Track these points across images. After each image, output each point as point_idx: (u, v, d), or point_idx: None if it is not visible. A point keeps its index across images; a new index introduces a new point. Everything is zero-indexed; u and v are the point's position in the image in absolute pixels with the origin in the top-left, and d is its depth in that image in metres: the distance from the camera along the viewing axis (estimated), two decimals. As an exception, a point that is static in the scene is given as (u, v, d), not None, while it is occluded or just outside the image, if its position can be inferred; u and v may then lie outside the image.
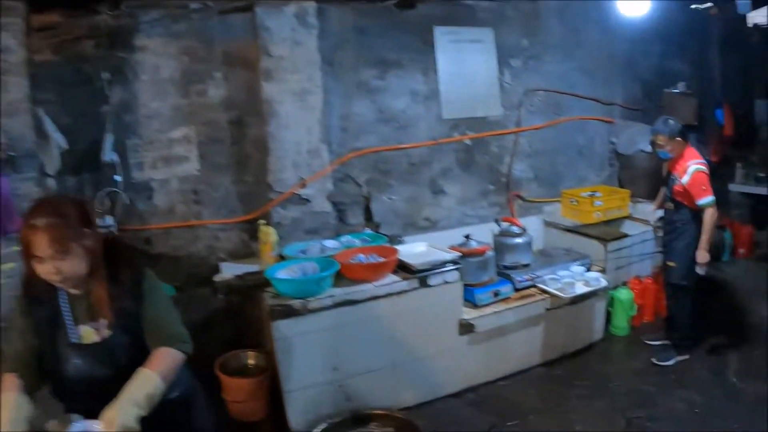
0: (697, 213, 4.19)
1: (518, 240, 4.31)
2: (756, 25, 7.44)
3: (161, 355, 1.92)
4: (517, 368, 4.26)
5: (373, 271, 3.61)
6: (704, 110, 6.75)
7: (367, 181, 4.55)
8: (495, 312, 3.96)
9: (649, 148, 5.47)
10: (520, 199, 5.28)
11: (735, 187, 7.65)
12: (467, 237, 4.12)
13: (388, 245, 3.97)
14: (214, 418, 2.52)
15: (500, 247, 4.35)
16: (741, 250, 6.91)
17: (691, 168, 4.12)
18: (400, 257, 3.73)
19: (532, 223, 5.20)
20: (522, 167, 5.26)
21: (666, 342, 4.62)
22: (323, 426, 3.34)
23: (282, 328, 3.35)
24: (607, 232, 4.98)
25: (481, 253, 3.99)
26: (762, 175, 7.78)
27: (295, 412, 3.48)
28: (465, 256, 3.93)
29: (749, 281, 6.12)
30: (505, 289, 4.08)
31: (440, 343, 3.84)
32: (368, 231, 4.40)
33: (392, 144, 4.59)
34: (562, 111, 5.47)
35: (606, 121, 5.83)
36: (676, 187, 4.22)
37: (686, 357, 4.47)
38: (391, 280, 3.63)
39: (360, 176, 4.52)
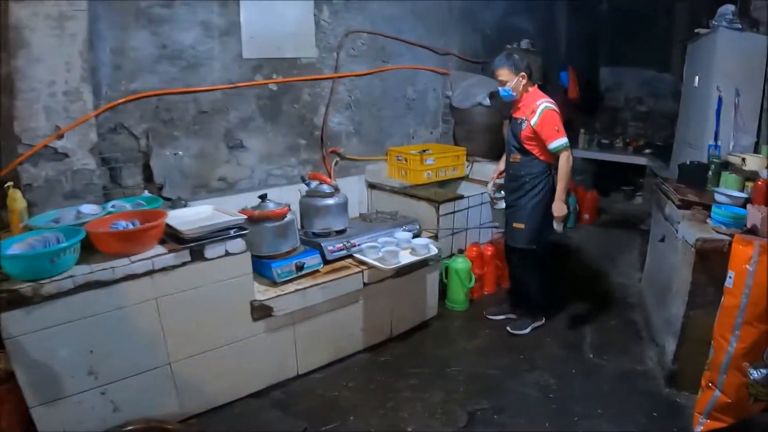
0: (549, 165, 3.94)
1: (329, 201, 3.77)
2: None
3: None
4: (334, 357, 3.75)
5: (129, 241, 2.88)
6: (548, 71, 6.69)
7: (147, 132, 3.79)
8: (298, 290, 3.38)
9: (487, 102, 5.20)
10: (338, 156, 4.77)
11: (578, 153, 7.76)
12: (263, 198, 3.50)
13: (159, 209, 3.23)
14: None
15: (308, 209, 3.81)
16: (585, 216, 7.03)
17: (541, 107, 3.82)
18: (169, 223, 3.03)
19: (353, 185, 4.76)
20: (340, 119, 4.76)
21: (510, 316, 4.41)
22: (85, 446, 2.70)
23: (11, 321, 2.56)
24: (440, 193, 4.60)
25: (278, 216, 3.39)
26: (605, 141, 7.96)
27: (49, 430, 2.72)
28: (257, 220, 3.32)
29: (595, 247, 6.20)
30: (312, 260, 3.52)
31: (229, 333, 3.22)
32: (147, 194, 3.65)
33: (178, 87, 3.87)
34: (390, 58, 5.04)
35: (440, 73, 5.48)
36: (524, 132, 3.89)
37: (542, 322, 4.32)
38: (154, 253, 2.92)
39: (137, 126, 3.75)
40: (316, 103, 4.54)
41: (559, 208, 3.92)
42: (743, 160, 3.86)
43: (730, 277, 2.89)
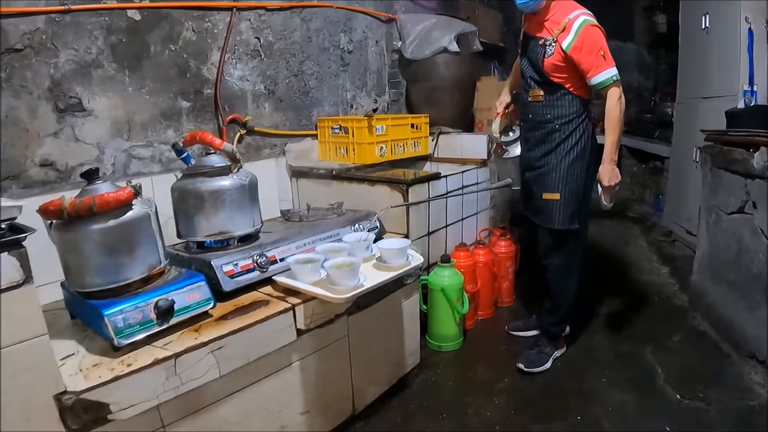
0: (586, 102, 2.53)
1: (223, 182, 1.93)
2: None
3: None
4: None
5: None
6: (509, 29, 5.36)
7: None
8: (162, 360, 1.52)
9: (455, 47, 3.60)
10: (242, 128, 2.93)
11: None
12: (89, 176, 1.65)
13: None
14: None
15: (184, 201, 1.95)
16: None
17: (578, 21, 2.34)
18: None
19: (268, 172, 2.98)
20: (244, 72, 2.92)
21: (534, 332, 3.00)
22: None
23: None
24: (406, 172, 2.90)
25: (110, 206, 1.54)
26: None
27: None
28: (69, 218, 1.51)
29: (591, 240, 4.71)
30: (191, 295, 1.67)
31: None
32: None
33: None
34: (314, -8, 3.29)
35: (384, 19, 3.79)
36: (550, 60, 2.40)
37: (564, 350, 2.85)
38: None
39: None
40: (206, 46, 2.71)
41: (609, 174, 2.43)
42: None
43: None
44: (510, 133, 2.84)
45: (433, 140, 3.61)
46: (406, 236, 2.63)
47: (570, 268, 2.65)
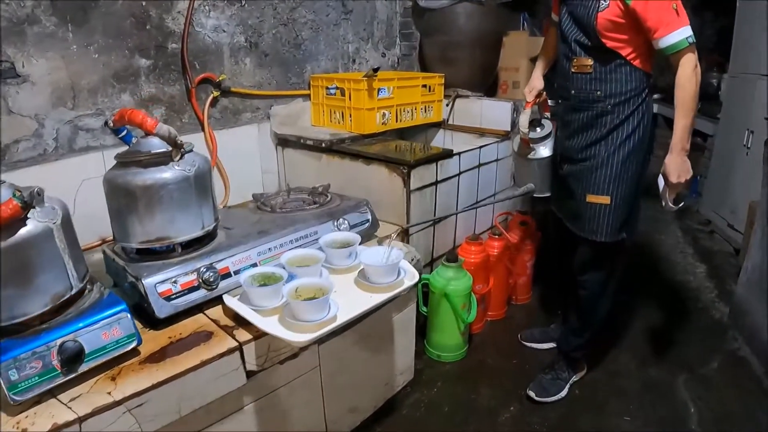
0: (648, 77, 1.99)
1: (159, 176, 1.50)
2: None
3: None
4: None
5: None
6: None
7: None
8: (68, 423, 1.15)
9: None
10: (216, 88, 2.49)
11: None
12: None
13: None
14: None
15: (116, 199, 1.53)
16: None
17: None
18: None
19: (248, 140, 2.60)
20: (220, 22, 2.45)
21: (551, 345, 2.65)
22: None
23: None
24: (409, 149, 2.48)
25: None
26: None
27: None
28: None
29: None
30: (109, 331, 1.29)
31: None
32: None
33: None
34: None
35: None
36: (605, 15, 1.88)
37: (584, 372, 2.47)
38: None
39: None
40: (168, -10, 2.30)
41: (678, 166, 1.89)
42: None
43: None
44: (538, 128, 2.37)
45: (448, 104, 3.17)
46: (405, 234, 2.24)
47: (608, 285, 2.22)
